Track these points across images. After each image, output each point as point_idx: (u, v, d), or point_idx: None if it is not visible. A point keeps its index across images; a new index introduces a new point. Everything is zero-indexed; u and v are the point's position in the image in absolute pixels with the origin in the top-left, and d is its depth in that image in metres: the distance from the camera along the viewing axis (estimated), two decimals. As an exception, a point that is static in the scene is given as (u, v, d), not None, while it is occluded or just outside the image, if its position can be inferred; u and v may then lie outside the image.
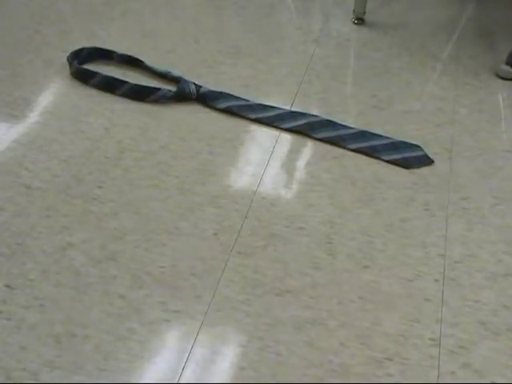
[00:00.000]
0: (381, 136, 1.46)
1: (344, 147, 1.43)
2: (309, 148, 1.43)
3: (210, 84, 1.60)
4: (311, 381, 1.00)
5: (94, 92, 1.57)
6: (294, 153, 1.42)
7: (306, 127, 1.47)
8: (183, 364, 1.02)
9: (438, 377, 1.01)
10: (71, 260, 1.17)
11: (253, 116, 1.50)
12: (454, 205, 1.31)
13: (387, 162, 1.40)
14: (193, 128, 1.48)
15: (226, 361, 1.02)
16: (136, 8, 1.91)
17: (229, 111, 1.51)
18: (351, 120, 1.51)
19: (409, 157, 1.41)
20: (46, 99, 1.55)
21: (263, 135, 1.46)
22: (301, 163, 1.39)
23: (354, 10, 1.87)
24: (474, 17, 1.93)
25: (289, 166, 1.39)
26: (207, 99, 1.54)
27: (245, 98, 1.55)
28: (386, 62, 1.72)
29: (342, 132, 1.46)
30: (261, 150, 1.42)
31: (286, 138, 1.46)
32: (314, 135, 1.46)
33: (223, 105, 1.52)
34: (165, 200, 1.29)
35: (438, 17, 1.92)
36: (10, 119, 1.49)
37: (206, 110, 1.52)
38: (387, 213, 1.28)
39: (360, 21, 1.87)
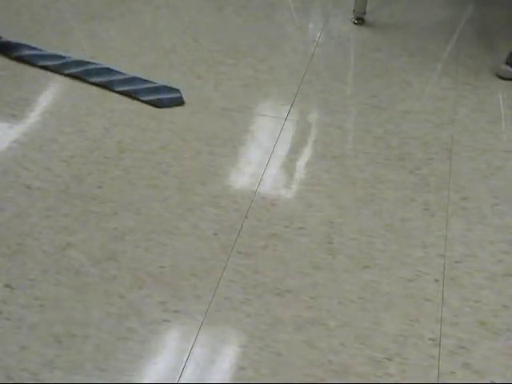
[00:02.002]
0: (148, 81, 1.60)
1: (112, 90, 1.57)
2: (309, 148, 1.43)
3: (209, 84, 1.60)
4: (311, 381, 1.00)
5: (94, 92, 1.58)
6: (293, 153, 1.42)
7: (84, 73, 1.62)
8: (183, 364, 1.01)
9: (438, 377, 1.01)
10: (71, 260, 1.17)
11: (41, 63, 1.63)
12: (454, 205, 1.31)
13: (144, 102, 1.54)
14: (193, 128, 1.48)
15: (226, 361, 1.02)
16: (136, 8, 1.91)
17: (21, 59, 1.65)
18: (351, 120, 1.51)
19: (163, 98, 1.55)
20: (45, 99, 1.55)
21: (263, 135, 1.46)
22: (301, 163, 1.39)
23: (354, 10, 1.87)
24: (474, 17, 1.93)
25: (289, 165, 1.39)
26: (4, 49, 1.69)
27: (42, 48, 1.67)
28: (386, 62, 1.72)
29: (114, 78, 1.61)
30: (261, 149, 1.42)
31: (287, 138, 1.46)
32: (89, 80, 1.60)
33: (17, 53, 1.65)
34: (165, 200, 1.29)
35: (438, 17, 1.92)
36: (10, 119, 1.49)
37: (206, 111, 1.52)
38: (387, 213, 1.28)
39: (360, 21, 1.87)
